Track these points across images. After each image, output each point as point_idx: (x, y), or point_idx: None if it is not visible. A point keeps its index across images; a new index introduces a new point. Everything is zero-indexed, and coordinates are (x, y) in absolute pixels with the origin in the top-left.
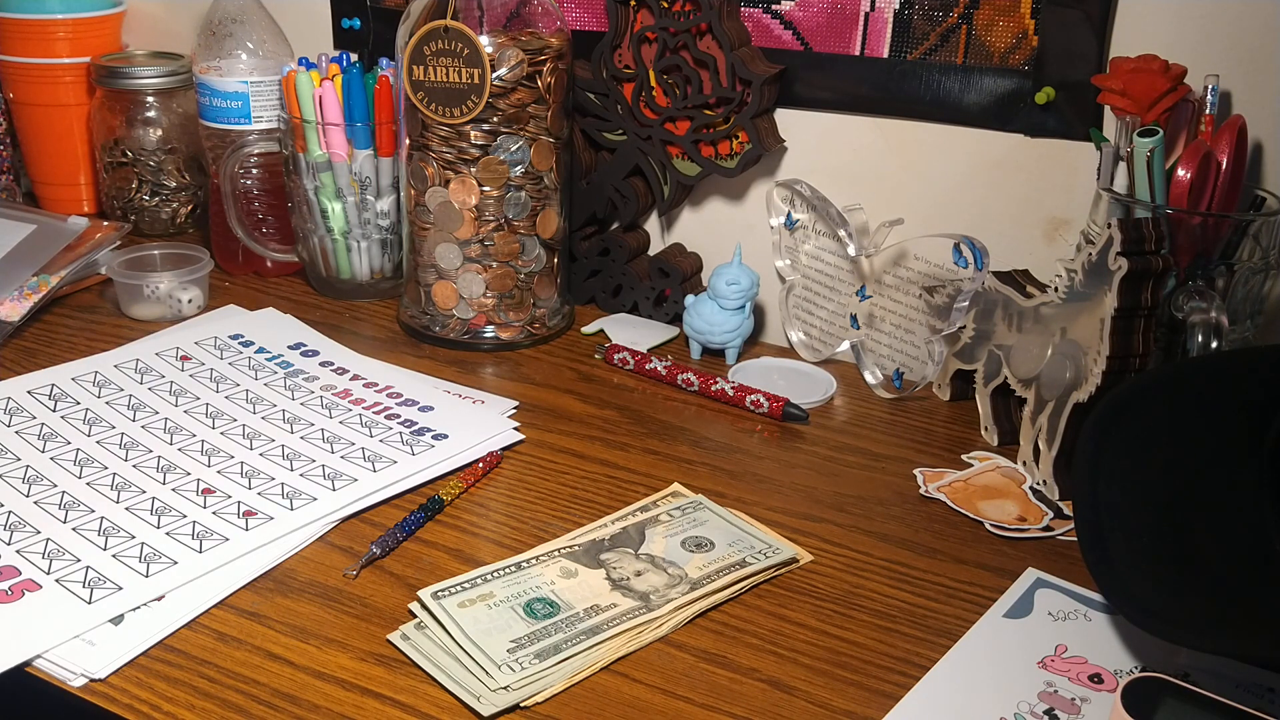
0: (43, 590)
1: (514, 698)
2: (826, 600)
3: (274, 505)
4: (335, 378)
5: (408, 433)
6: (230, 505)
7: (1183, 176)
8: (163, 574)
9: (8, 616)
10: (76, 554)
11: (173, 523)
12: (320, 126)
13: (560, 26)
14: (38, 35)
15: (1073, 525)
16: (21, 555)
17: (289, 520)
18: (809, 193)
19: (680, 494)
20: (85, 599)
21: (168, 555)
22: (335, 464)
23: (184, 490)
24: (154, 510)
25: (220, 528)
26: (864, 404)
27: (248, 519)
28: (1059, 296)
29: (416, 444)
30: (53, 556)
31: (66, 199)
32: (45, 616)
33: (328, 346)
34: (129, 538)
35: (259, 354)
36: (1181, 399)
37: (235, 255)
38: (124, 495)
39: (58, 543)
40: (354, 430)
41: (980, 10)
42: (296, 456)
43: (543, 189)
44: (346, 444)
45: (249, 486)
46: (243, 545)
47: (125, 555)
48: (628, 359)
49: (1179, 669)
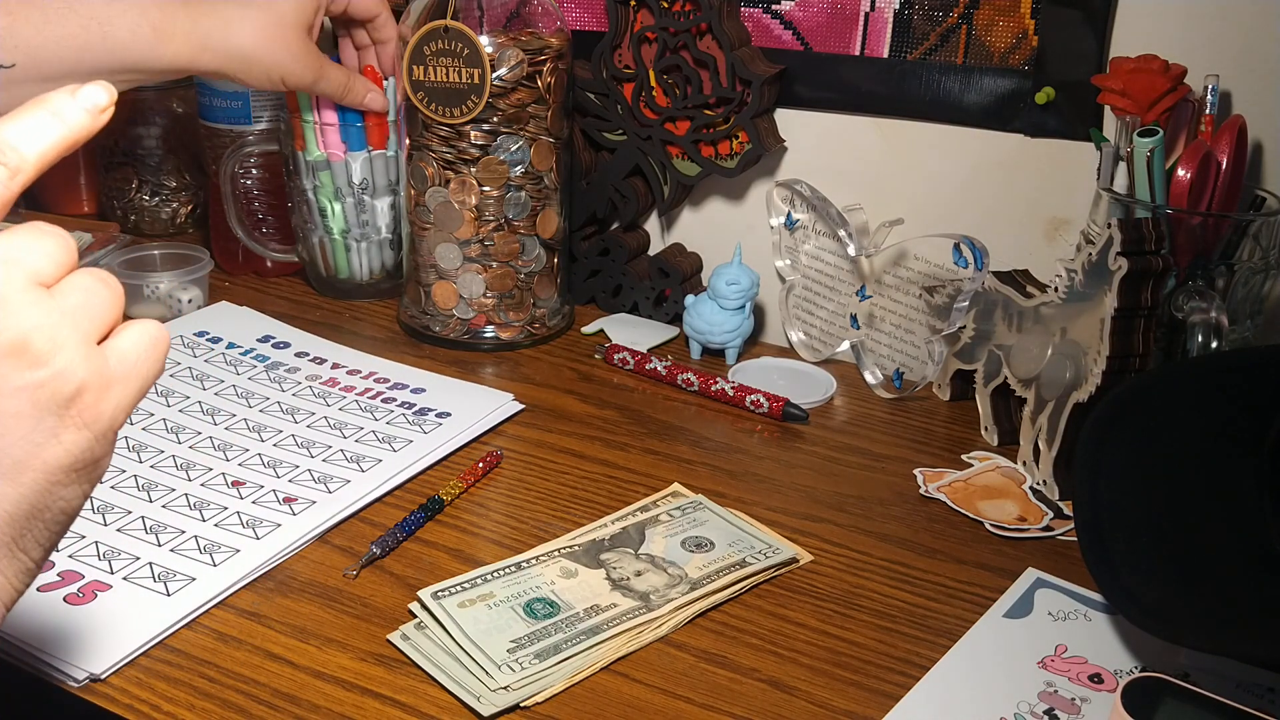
0: (114, 590)
1: (514, 698)
2: (826, 600)
3: (312, 490)
4: (316, 368)
5: (410, 414)
6: (267, 494)
7: (1183, 176)
8: (230, 562)
9: (87, 617)
10: (134, 553)
11: (218, 515)
12: (318, 126)
13: (560, 26)
14: None
15: (1073, 525)
16: (76, 560)
17: (332, 504)
18: (809, 193)
19: (680, 494)
20: (163, 592)
21: (227, 545)
22: (354, 448)
23: (213, 485)
24: (193, 505)
25: (268, 515)
26: (864, 404)
27: (290, 505)
28: (1059, 296)
29: (424, 423)
30: (109, 557)
31: (66, 199)
32: (129, 613)
33: (296, 337)
34: (179, 533)
35: (230, 349)
36: (1182, 399)
37: (235, 255)
38: (155, 495)
39: (108, 544)
40: (358, 416)
41: (980, 10)
42: (312, 444)
43: (543, 189)
44: (356, 429)
45: (278, 475)
46: (297, 529)
47: (184, 549)
48: (628, 359)
49: (1179, 669)
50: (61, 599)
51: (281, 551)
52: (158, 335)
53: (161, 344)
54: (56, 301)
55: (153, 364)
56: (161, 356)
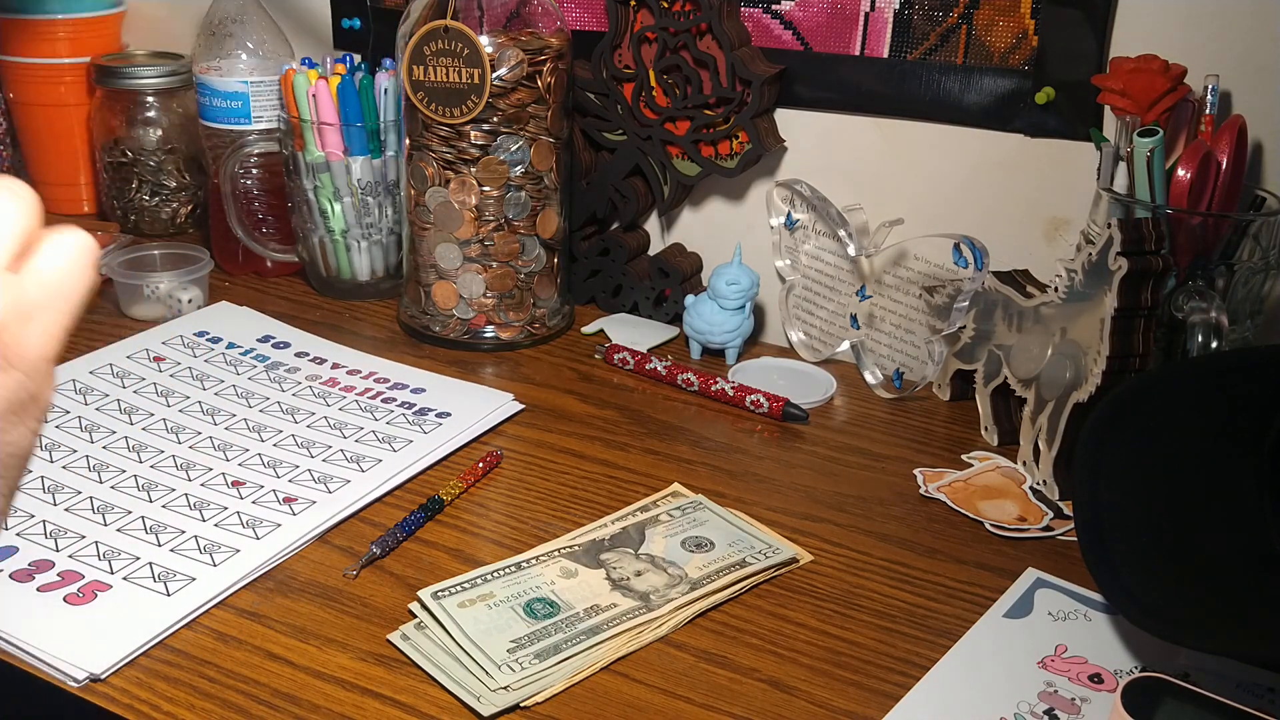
0: (114, 590)
1: (514, 698)
2: (826, 600)
3: (312, 490)
4: (316, 368)
5: (410, 414)
6: (267, 494)
7: (1183, 176)
8: (230, 562)
9: (88, 617)
10: (134, 553)
11: (218, 515)
12: (315, 126)
13: (560, 26)
14: (38, 35)
15: (1073, 525)
16: (76, 559)
17: (332, 504)
18: (809, 193)
19: (680, 494)
20: (163, 592)
21: (227, 545)
22: (354, 448)
23: (213, 485)
24: (193, 505)
25: (268, 515)
26: (864, 404)
27: (290, 504)
28: (1059, 296)
29: (424, 423)
30: (109, 557)
31: (66, 199)
32: (129, 613)
33: (297, 337)
34: (179, 533)
35: (230, 349)
36: (1182, 399)
37: (235, 255)
38: (155, 494)
39: (108, 544)
40: (357, 416)
41: (980, 10)
42: (312, 444)
43: (543, 189)
44: (356, 429)
45: (278, 475)
46: (297, 529)
47: (184, 549)
48: (628, 359)
49: (1179, 669)
50: (61, 599)
51: (281, 551)
52: (81, 246)
53: (86, 255)
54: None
55: (78, 281)
56: (87, 269)
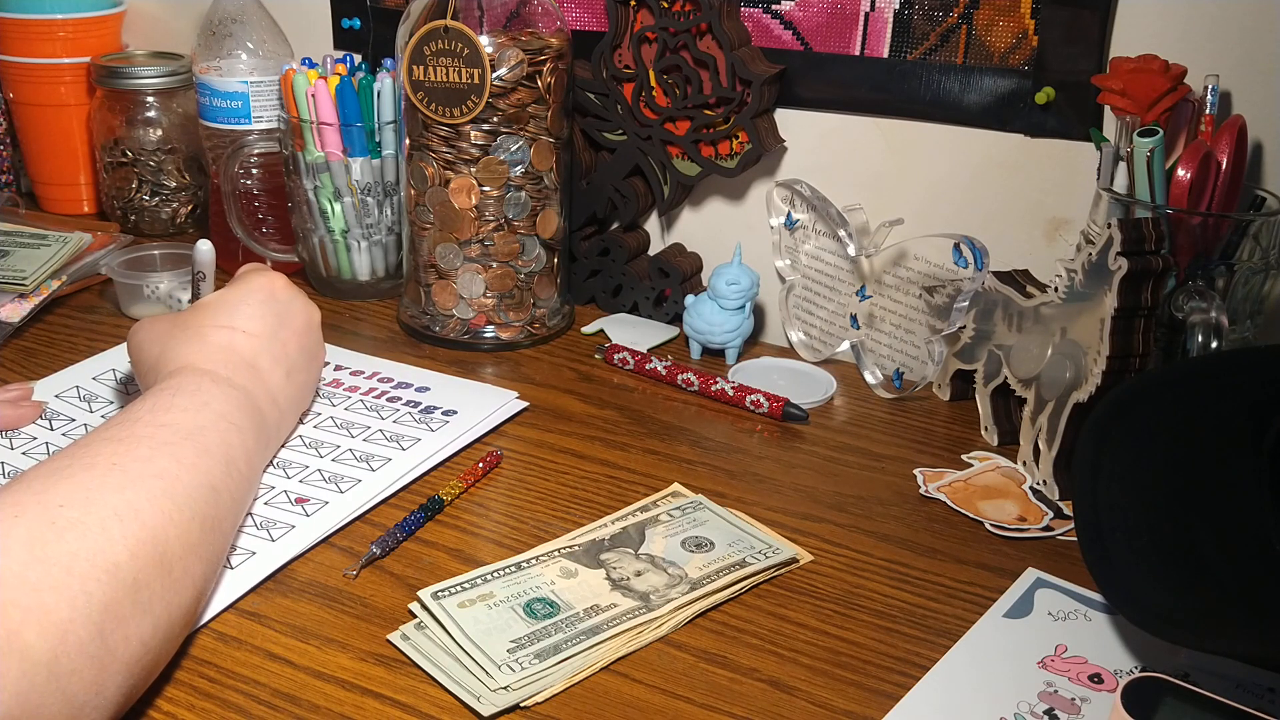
0: None
1: (514, 698)
2: (826, 600)
3: (324, 491)
4: None
5: (417, 413)
6: (279, 495)
7: (1183, 176)
8: (246, 565)
9: None
10: None
11: None
12: (314, 126)
13: (560, 26)
14: (38, 35)
15: (1073, 525)
16: None
17: (344, 504)
18: (809, 193)
19: (680, 494)
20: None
21: (243, 548)
22: (363, 447)
23: None
24: None
25: (281, 517)
26: (864, 404)
27: (303, 505)
28: (1059, 296)
29: (431, 421)
30: None
31: (66, 199)
32: None
33: None
34: None
35: None
36: (1181, 399)
37: (235, 255)
38: None
39: None
40: (364, 415)
41: (980, 10)
42: (321, 444)
43: (543, 189)
44: (364, 428)
45: (288, 476)
46: (312, 530)
47: None
48: (628, 359)
49: (1179, 669)
50: None
51: (298, 553)
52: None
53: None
54: None
55: None
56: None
